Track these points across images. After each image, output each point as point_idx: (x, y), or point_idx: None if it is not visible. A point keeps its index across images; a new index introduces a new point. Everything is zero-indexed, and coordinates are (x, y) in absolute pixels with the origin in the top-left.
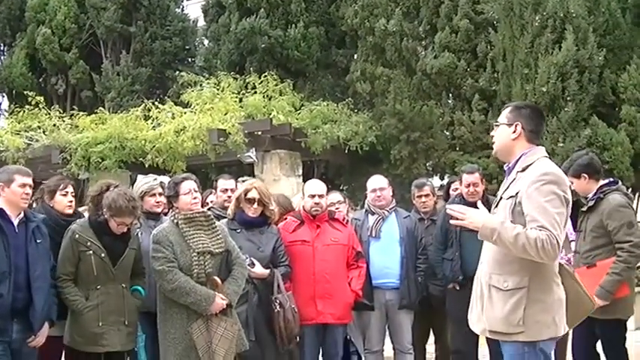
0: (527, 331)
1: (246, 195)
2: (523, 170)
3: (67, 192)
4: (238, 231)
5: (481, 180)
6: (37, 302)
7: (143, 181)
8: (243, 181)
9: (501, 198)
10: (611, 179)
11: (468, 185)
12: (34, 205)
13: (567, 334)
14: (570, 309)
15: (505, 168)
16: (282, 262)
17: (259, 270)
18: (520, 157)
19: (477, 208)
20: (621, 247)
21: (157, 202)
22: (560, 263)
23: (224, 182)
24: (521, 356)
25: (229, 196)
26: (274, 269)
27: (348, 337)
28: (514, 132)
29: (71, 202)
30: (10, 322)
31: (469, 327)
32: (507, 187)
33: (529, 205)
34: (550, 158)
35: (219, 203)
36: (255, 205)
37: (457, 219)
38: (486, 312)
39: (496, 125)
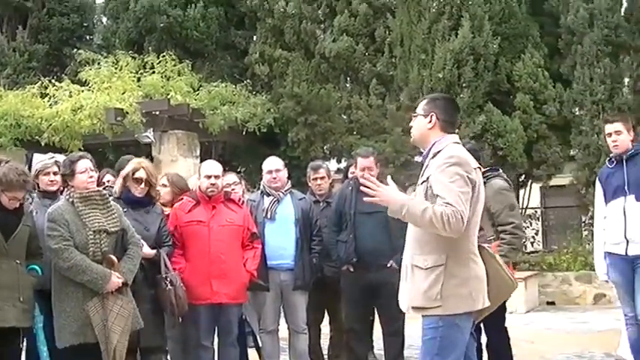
0: (444, 305)
1: (133, 174)
2: (434, 157)
3: None
4: (125, 210)
5: (376, 164)
6: None
7: (38, 159)
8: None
9: (416, 184)
10: (493, 167)
11: (363, 169)
12: None
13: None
14: (492, 289)
15: (420, 158)
16: (166, 242)
17: (147, 250)
18: (433, 145)
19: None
20: (504, 230)
21: (52, 181)
22: (481, 245)
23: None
24: (435, 329)
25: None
26: (160, 249)
27: (244, 316)
28: (429, 122)
29: None
30: None
31: (363, 307)
32: (422, 173)
33: (437, 186)
34: (460, 143)
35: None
36: (142, 185)
37: (370, 195)
38: (410, 290)
39: (414, 116)
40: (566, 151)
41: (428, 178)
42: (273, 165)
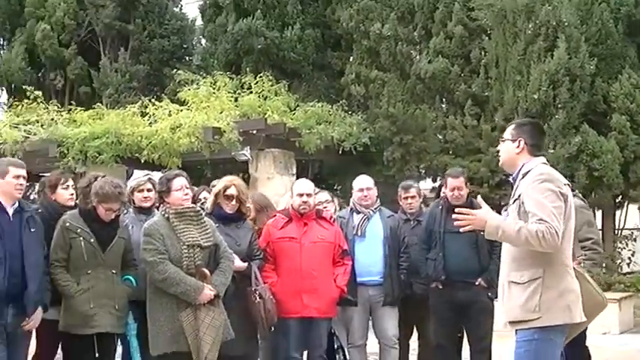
0: (543, 317)
1: (225, 191)
2: (523, 177)
3: (67, 185)
4: (217, 225)
5: (465, 184)
6: (30, 287)
7: (133, 177)
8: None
9: (508, 204)
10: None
11: (453, 189)
12: (36, 198)
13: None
14: (584, 306)
15: (511, 179)
16: (257, 256)
17: (238, 263)
18: (522, 167)
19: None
20: (584, 246)
21: (145, 198)
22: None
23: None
24: (530, 342)
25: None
26: (251, 262)
27: (333, 331)
28: (518, 147)
29: (72, 194)
30: (5, 307)
31: (451, 324)
32: (513, 194)
33: (529, 203)
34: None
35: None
36: (233, 202)
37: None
38: (506, 305)
39: (502, 141)
40: None
41: (519, 196)
42: (364, 183)
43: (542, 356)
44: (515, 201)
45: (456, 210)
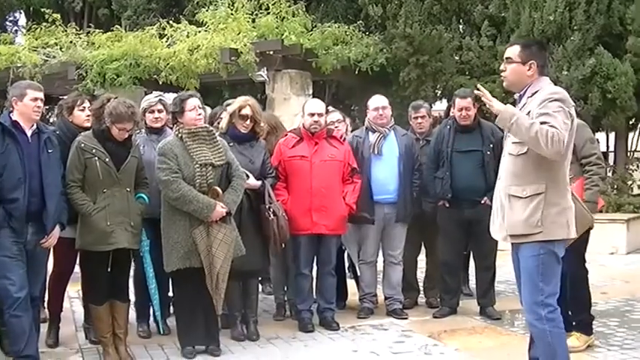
0: (544, 231)
1: (240, 111)
2: (532, 95)
3: (84, 107)
4: (231, 145)
5: (474, 104)
6: (49, 206)
7: (145, 98)
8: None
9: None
10: None
11: (461, 109)
12: (54, 120)
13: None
14: (576, 224)
15: (516, 97)
16: (269, 174)
17: (252, 181)
18: (530, 86)
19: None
20: (589, 162)
21: (156, 118)
22: None
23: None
24: (537, 257)
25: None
26: (264, 180)
27: (344, 248)
28: (529, 69)
29: (88, 116)
30: (25, 225)
31: (457, 241)
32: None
33: (540, 116)
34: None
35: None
36: (248, 122)
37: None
38: (507, 219)
39: (508, 61)
40: None
41: (528, 113)
42: (380, 102)
43: (549, 268)
44: None
45: (479, 89)
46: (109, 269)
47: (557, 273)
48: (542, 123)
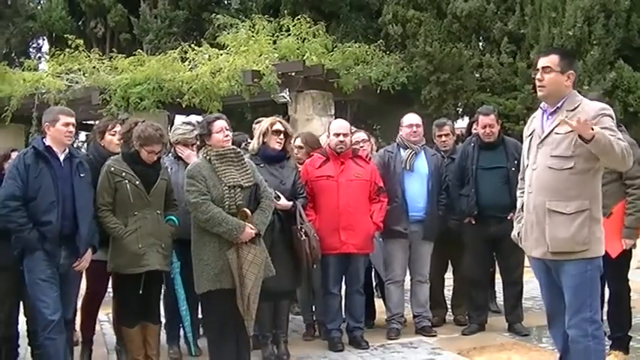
0: (591, 248)
1: (272, 127)
2: (573, 109)
3: (115, 131)
4: (262, 166)
5: (497, 121)
6: (82, 229)
7: (181, 129)
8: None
9: (550, 134)
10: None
11: (484, 126)
12: (80, 145)
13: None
14: None
15: (542, 107)
16: (300, 195)
17: (284, 202)
18: (566, 99)
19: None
20: (633, 184)
21: (188, 155)
22: None
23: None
24: (584, 274)
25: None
26: (295, 201)
27: (372, 266)
28: (567, 79)
29: (120, 140)
30: (58, 248)
31: (483, 258)
32: (558, 124)
33: (604, 130)
34: None
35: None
36: (281, 136)
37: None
38: (549, 235)
39: (546, 70)
40: None
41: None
42: (414, 120)
43: (595, 285)
44: (569, 132)
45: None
46: (141, 291)
47: (600, 289)
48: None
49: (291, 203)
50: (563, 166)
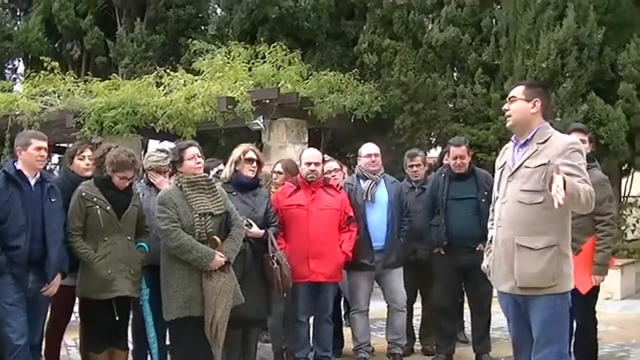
0: (559, 284)
1: (245, 155)
2: (544, 142)
3: (83, 156)
4: (234, 194)
5: (468, 152)
6: (51, 254)
7: (154, 156)
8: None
9: (521, 167)
10: (592, 158)
11: (455, 157)
12: (52, 168)
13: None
14: None
15: (514, 140)
16: (272, 223)
17: (256, 230)
18: (537, 131)
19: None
20: (602, 220)
21: (161, 182)
22: None
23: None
24: (553, 308)
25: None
26: (267, 229)
27: (342, 295)
28: (533, 107)
29: (88, 164)
30: (26, 272)
31: (452, 288)
32: (528, 157)
33: (566, 168)
34: None
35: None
36: (254, 164)
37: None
38: (518, 270)
39: (512, 100)
40: None
41: (548, 162)
42: (372, 149)
43: (564, 319)
44: (540, 166)
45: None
46: (116, 318)
47: (568, 322)
48: (573, 175)
49: (262, 231)
50: (533, 201)
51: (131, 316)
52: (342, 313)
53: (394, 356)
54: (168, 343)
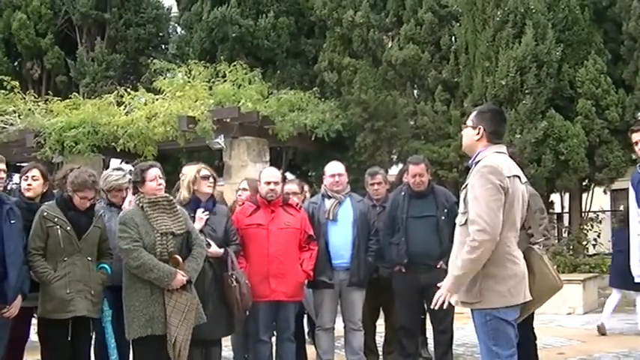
0: (484, 301)
1: (199, 173)
2: (477, 164)
3: (27, 176)
4: (192, 215)
5: (427, 170)
6: (11, 276)
7: (113, 176)
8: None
9: (464, 188)
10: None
11: (414, 175)
12: (12, 187)
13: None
14: (537, 287)
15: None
16: (233, 241)
17: (215, 250)
18: (477, 154)
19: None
20: (532, 233)
21: (123, 198)
22: (529, 247)
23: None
24: (485, 324)
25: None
26: (227, 248)
27: (306, 312)
28: (477, 134)
29: (30, 185)
30: None
31: (413, 306)
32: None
33: (470, 194)
34: (504, 153)
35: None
36: (211, 180)
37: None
38: None
39: (464, 126)
40: (628, 155)
41: (467, 184)
42: (336, 169)
43: (500, 334)
44: (464, 188)
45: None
46: (69, 338)
47: (510, 336)
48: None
49: (222, 250)
50: (461, 222)
51: (94, 338)
52: (306, 330)
53: None
54: None
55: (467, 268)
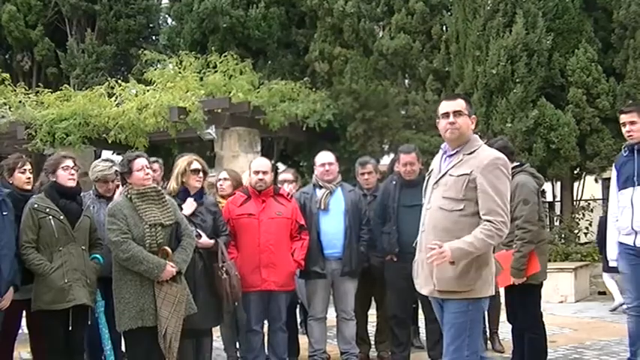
0: (475, 289)
1: (190, 166)
2: (470, 153)
3: (24, 169)
4: (181, 206)
5: (417, 159)
6: (3, 268)
7: (100, 166)
8: None
9: (445, 175)
10: (520, 162)
11: (405, 164)
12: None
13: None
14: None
15: (443, 148)
16: (223, 232)
17: (205, 241)
18: (467, 143)
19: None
20: (516, 224)
21: (109, 189)
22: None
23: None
24: (465, 313)
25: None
26: (217, 239)
27: (299, 302)
28: (472, 123)
29: (29, 178)
30: None
31: (405, 295)
32: (454, 166)
33: (486, 186)
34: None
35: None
36: (200, 174)
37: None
38: (437, 274)
39: (459, 113)
40: (619, 143)
41: (471, 172)
42: (326, 158)
43: (476, 324)
44: (462, 175)
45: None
46: (70, 327)
47: (481, 330)
48: (484, 201)
49: (212, 241)
50: (454, 208)
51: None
52: (298, 320)
53: None
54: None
55: (482, 250)
